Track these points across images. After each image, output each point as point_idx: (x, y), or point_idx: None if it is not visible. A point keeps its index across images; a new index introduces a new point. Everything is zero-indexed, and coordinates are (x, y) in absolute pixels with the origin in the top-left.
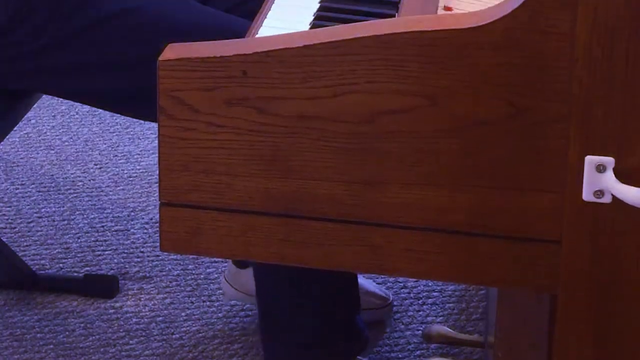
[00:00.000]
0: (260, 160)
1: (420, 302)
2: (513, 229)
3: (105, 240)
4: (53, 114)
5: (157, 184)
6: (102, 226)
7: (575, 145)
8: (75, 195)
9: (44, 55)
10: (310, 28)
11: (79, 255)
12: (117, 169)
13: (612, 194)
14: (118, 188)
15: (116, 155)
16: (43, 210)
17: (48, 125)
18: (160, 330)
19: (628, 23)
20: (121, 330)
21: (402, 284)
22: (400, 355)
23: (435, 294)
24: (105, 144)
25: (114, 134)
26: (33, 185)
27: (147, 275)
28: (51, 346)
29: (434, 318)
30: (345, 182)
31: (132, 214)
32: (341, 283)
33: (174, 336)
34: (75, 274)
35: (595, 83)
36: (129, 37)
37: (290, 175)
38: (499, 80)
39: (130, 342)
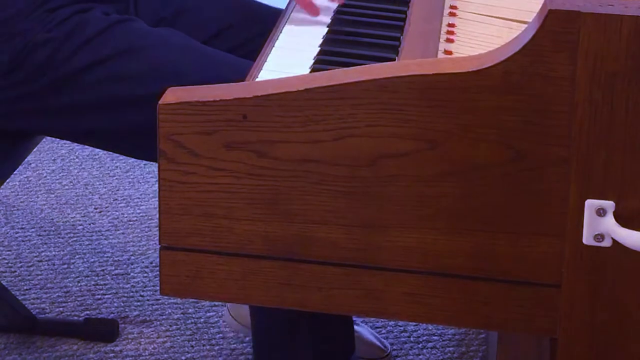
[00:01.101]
0: (260, 203)
1: (420, 345)
2: (513, 273)
3: (105, 284)
4: (53, 158)
5: (157, 228)
6: (102, 270)
7: (576, 189)
8: (75, 239)
9: (43, 96)
10: (311, 72)
11: (79, 299)
12: (117, 213)
13: (612, 238)
14: (118, 232)
15: (116, 199)
16: (43, 254)
17: (48, 169)
18: None
19: (629, 67)
20: None
21: (402, 328)
22: None
23: (435, 337)
24: (105, 187)
25: (114, 178)
26: (33, 229)
27: (148, 319)
28: None
29: None
30: (345, 225)
31: (132, 257)
32: (336, 324)
33: None
34: (76, 318)
35: (595, 127)
36: (129, 77)
37: (290, 219)
38: (499, 124)
39: None
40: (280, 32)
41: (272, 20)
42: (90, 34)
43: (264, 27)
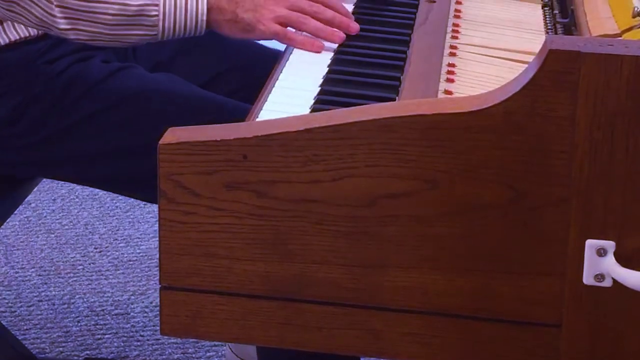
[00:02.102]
0: (261, 243)
1: None
2: (513, 313)
3: (105, 324)
4: (53, 198)
5: (158, 268)
6: (102, 310)
7: (576, 229)
8: (75, 278)
9: (45, 146)
10: (311, 111)
11: (79, 339)
12: (117, 253)
13: (612, 278)
14: (118, 271)
15: (116, 239)
16: (43, 293)
17: (48, 209)
18: None
19: (629, 107)
20: None
21: None
22: None
23: None
24: (105, 227)
25: (114, 218)
26: (33, 269)
27: (148, 359)
28: None
29: None
30: (345, 265)
31: (132, 297)
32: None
33: None
34: (76, 358)
35: (595, 167)
36: (129, 125)
37: (290, 259)
38: (499, 163)
39: None
40: (281, 71)
41: (272, 63)
42: (90, 83)
43: (263, 71)
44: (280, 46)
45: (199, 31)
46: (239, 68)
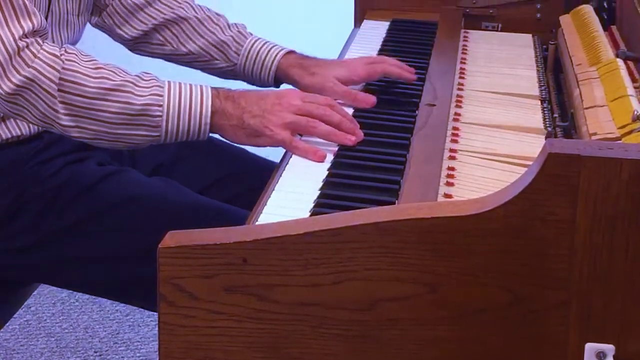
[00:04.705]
0: (260, 347)
1: None
2: None
3: None
4: (53, 301)
5: None
6: None
7: (575, 332)
8: None
9: (39, 249)
10: (311, 215)
11: None
12: (118, 357)
13: None
14: None
15: (116, 343)
16: None
17: (48, 313)
18: None
19: (628, 210)
20: None
21: None
22: None
23: None
24: (105, 331)
25: (114, 321)
26: None
27: None
28: None
29: None
30: None
31: None
32: None
33: None
34: None
35: (595, 271)
36: (125, 229)
37: None
38: (498, 267)
39: None
40: (281, 175)
41: (266, 173)
42: (83, 186)
43: (261, 180)
44: (275, 157)
45: (203, 135)
46: (237, 176)
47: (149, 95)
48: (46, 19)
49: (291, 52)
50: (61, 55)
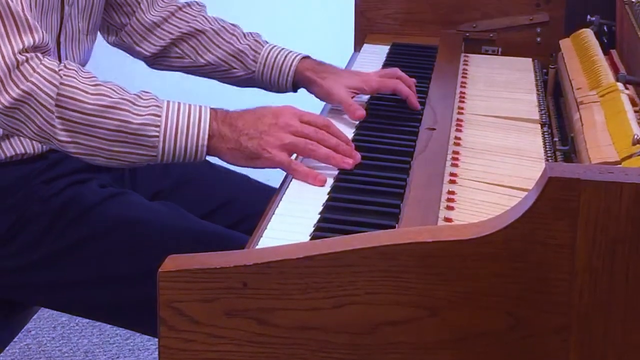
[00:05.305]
0: None
1: None
2: None
3: None
4: (53, 325)
5: None
6: None
7: (576, 357)
8: None
9: (40, 268)
10: (311, 239)
11: None
12: None
13: None
14: None
15: None
16: None
17: (48, 337)
18: None
19: (629, 234)
20: None
21: None
22: None
23: None
24: (105, 355)
25: (114, 345)
26: None
27: None
28: None
29: None
30: None
31: None
32: None
33: None
34: None
35: (595, 295)
36: (125, 251)
37: None
38: (498, 291)
39: None
40: (281, 199)
41: (268, 198)
42: (85, 207)
43: (262, 206)
44: (275, 182)
45: (200, 157)
46: (240, 202)
47: (147, 114)
48: (59, 37)
49: (307, 57)
50: (60, 70)
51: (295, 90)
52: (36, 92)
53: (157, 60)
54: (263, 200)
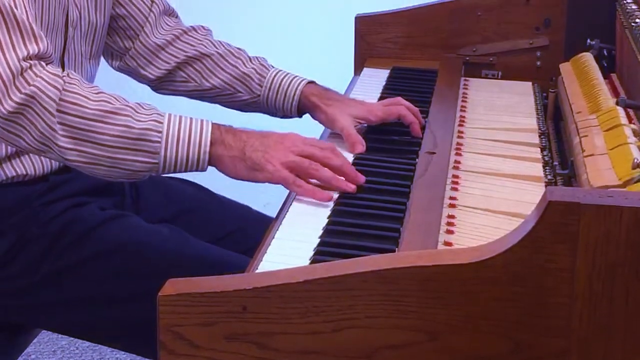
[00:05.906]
0: None
1: None
2: None
3: None
4: (53, 349)
5: None
6: None
7: None
8: None
9: (39, 289)
10: (311, 263)
11: None
12: None
13: None
14: None
15: None
16: None
17: None
18: None
19: (628, 258)
20: None
21: None
22: None
23: None
24: None
25: None
26: None
27: None
28: None
29: None
30: None
31: None
32: None
33: None
34: None
35: (595, 319)
36: (126, 273)
37: None
38: (498, 315)
39: None
40: (281, 223)
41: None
42: (84, 229)
43: (262, 236)
44: (274, 207)
45: (202, 165)
46: (245, 231)
47: (149, 120)
48: (62, 58)
49: (312, 82)
50: (63, 77)
51: (300, 116)
52: (39, 95)
53: (162, 85)
54: (263, 231)
